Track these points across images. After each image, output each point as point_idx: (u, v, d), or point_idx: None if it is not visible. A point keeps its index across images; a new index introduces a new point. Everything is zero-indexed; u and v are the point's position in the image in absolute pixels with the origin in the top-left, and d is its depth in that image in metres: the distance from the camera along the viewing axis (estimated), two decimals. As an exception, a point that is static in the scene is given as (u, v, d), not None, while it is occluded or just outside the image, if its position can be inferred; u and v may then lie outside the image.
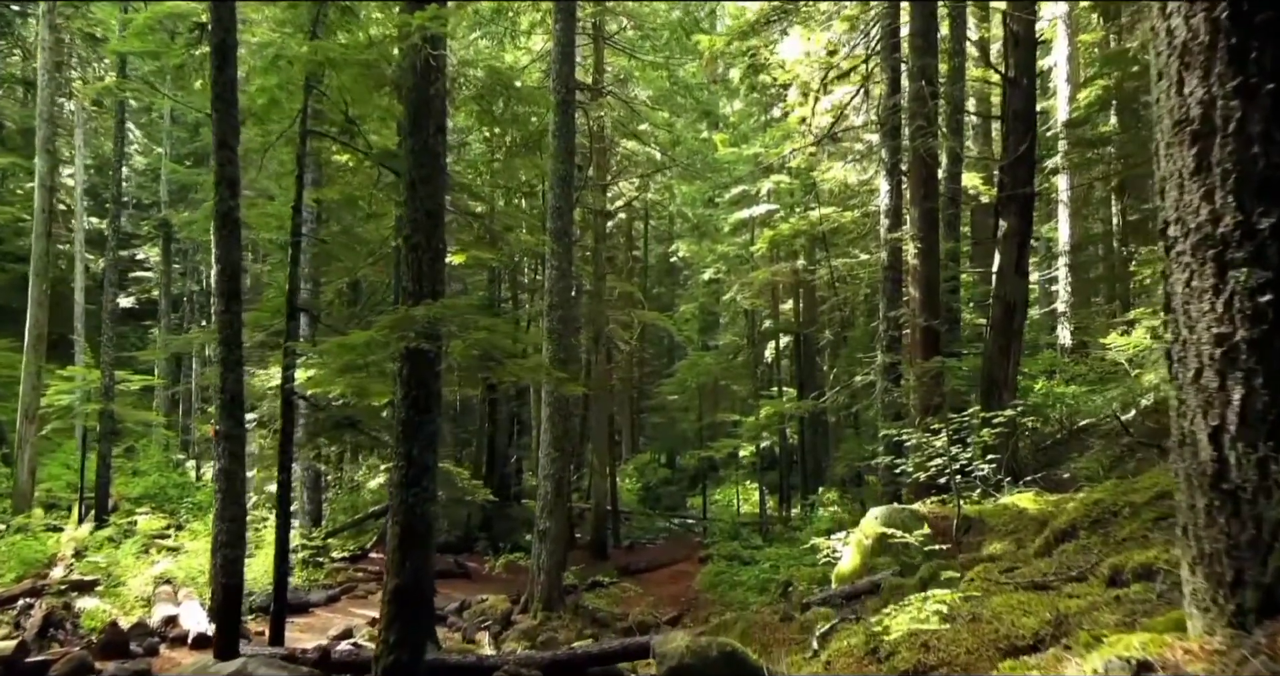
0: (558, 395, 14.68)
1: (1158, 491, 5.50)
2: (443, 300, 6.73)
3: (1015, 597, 3.83)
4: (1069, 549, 5.34)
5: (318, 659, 7.95)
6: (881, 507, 9.12)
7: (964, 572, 6.72)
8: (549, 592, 14.48)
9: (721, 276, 28.00)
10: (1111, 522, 5.53)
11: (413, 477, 7.03)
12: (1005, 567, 5.28)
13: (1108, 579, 3.67)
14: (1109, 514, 5.62)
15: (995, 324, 12.76)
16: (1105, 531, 5.45)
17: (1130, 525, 5.28)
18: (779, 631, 7.31)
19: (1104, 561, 4.65)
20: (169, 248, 30.35)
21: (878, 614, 5.51)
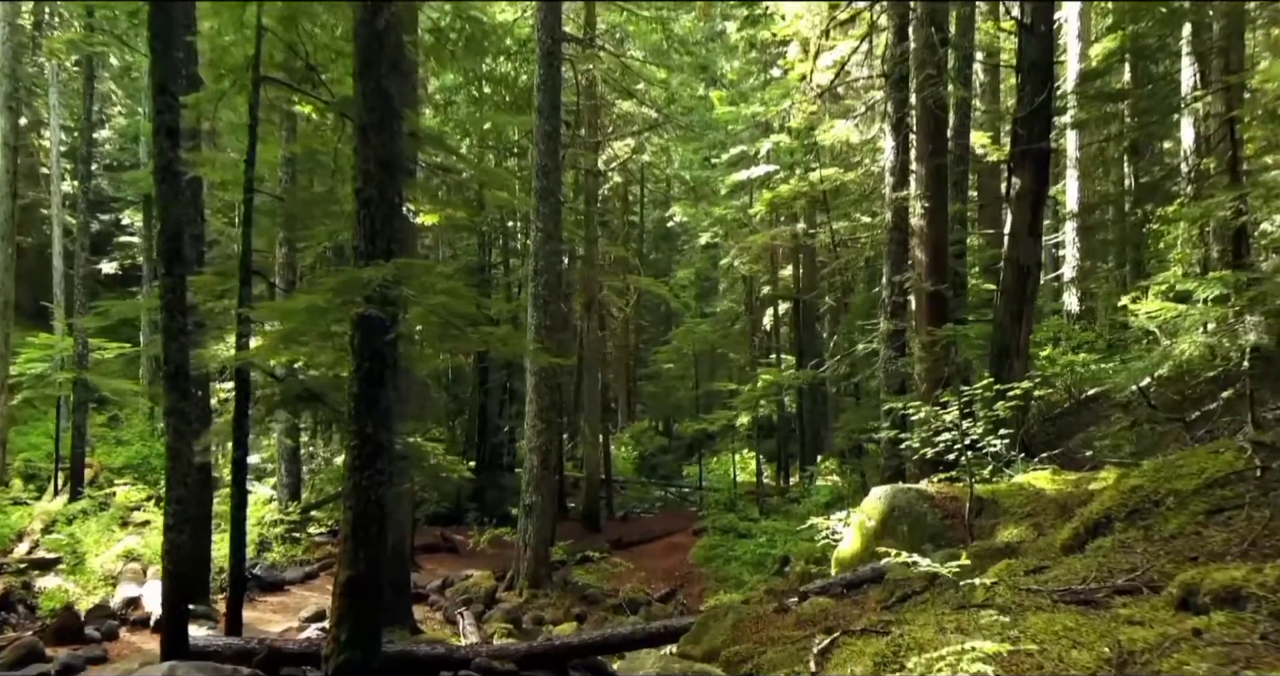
0: (544, 364, 13.96)
1: (1207, 478, 4.79)
2: (396, 261, 5.97)
3: (1058, 620, 3.14)
4: (1105, 545, 4.64)
5: (266, 656, 7.29)
6: (885, 487, 8.43)
7: (980, 566, 6.03)
8: (535, 569, 13.90)
9: (719, 241, 27.16)
10: (1153, 514, 4.83)
11: (367, 458, 6.32)
12: (1032, 567, 4.58)
13: (1178, 600, 2.97)
14: (1149, 503, 4.92)
15: (1006, 289, 12.00)
16: (1146, 524, 4.74)
17: (1177, 518, 4.57)
18: (772, 626, 6.64)
19: (1153, 566, 3.94)
20: (150, 211, 29.41)
21: (884, 621, 4.82)
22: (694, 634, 7.23)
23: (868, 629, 4.23)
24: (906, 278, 12.07)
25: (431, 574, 15.80)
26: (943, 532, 7.73)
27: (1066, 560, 4.66)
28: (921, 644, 3.42)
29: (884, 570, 7.31)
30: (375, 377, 6.39)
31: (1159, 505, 4.89)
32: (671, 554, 19.06)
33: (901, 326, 12.54)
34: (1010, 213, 12.13)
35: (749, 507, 20.67)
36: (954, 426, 8.22)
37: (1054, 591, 3.81)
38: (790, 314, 26.82)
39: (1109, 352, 20.31)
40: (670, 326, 36.34)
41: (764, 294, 27.59)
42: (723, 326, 28.89)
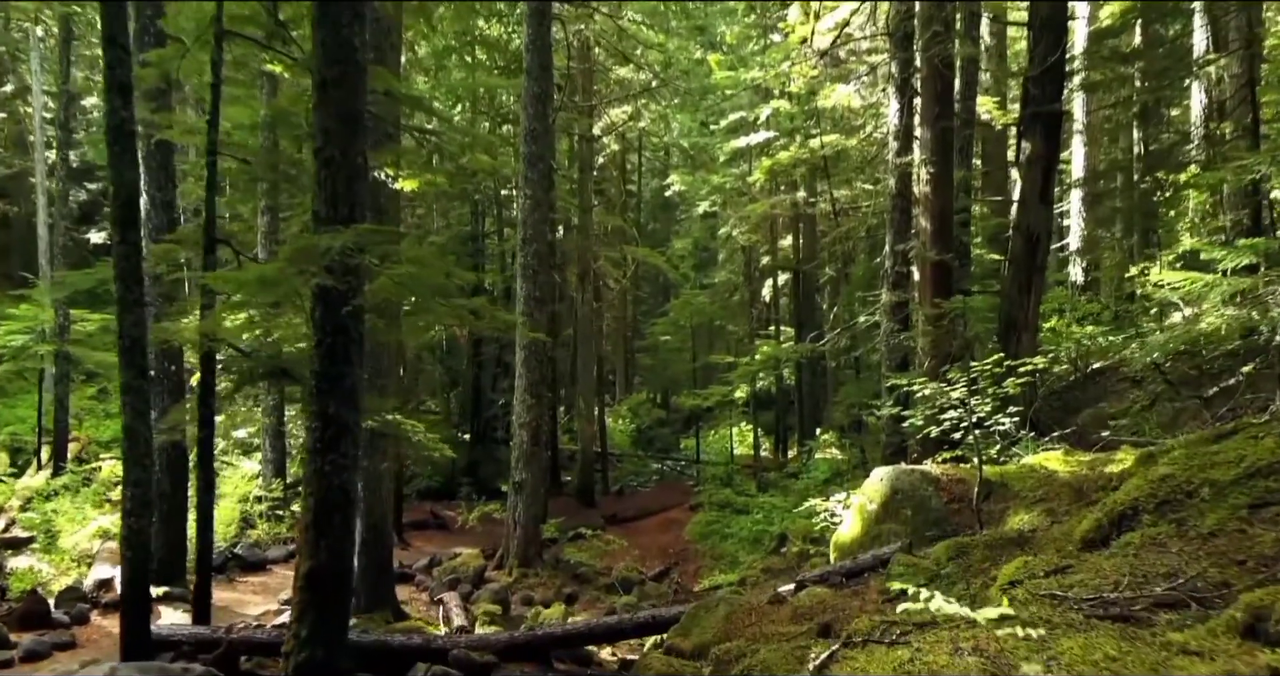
0: (533, 337, 13.47)
1: (1248, 467, 4.32)
2: (357, 227, 5.45)
3: (1097, 644, 2.68)
4: (1134, 541, 4.17)
5: (225, 653, 6.88)
6: (887, 468, 7.97)
7: (991, 559, 5.58)
8: (525, 548, 13.51)
9: (717, 210, 26.55)
10: (1186, 506, 4.36)
11: (330, 440, 5.85)
12: (1053, 565, 4.12)
13: (1243, 625, 2.52)
14: (1181, 493, 4.45)
15: (1015, 258, 11.48)
16: (1179, 518, 4.28)
17: (1215, 513, 4.10)
18: (767, 618, 6.21)
19: (1195, 571, 3.48)
20: (135, 180, 28.79)
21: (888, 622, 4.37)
22: (684, 625, 6.81)
23: (870, 638, 3.77)
24: (910, 247, 11.55)
25: (419, 552, 15.42)
26: (948, 517, 7.29)
27: (1091, 559, 4.19)
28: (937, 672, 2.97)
29: (885, 557, 6.88)
30: (338, 354, 5.90)
31: (1192, 496, 4.42)
32: (667, 530, 18.69)
33: (904, 298, 12.04)
34: (1019, 178, 11.58)
35: (746, 482, 20.31)
36: (960, 404, 7.74)
37: (1084, 600, 3.35)
38: (790, 285, 26.31)
39: (1116, 325, 19.85)
40: (669, 298, 35.81)
41: (763, 264, 27.05)
42: (721, 298, 28.38)
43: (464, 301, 6.79)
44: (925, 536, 7.21)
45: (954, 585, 5.37)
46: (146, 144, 11.21)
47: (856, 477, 16.35)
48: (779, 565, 13.83)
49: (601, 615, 12.58)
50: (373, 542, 10.50)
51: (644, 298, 41.83)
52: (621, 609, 12.68)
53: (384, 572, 10.67)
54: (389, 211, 10.62)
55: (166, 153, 11.26)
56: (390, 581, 10.79)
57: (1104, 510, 4.87)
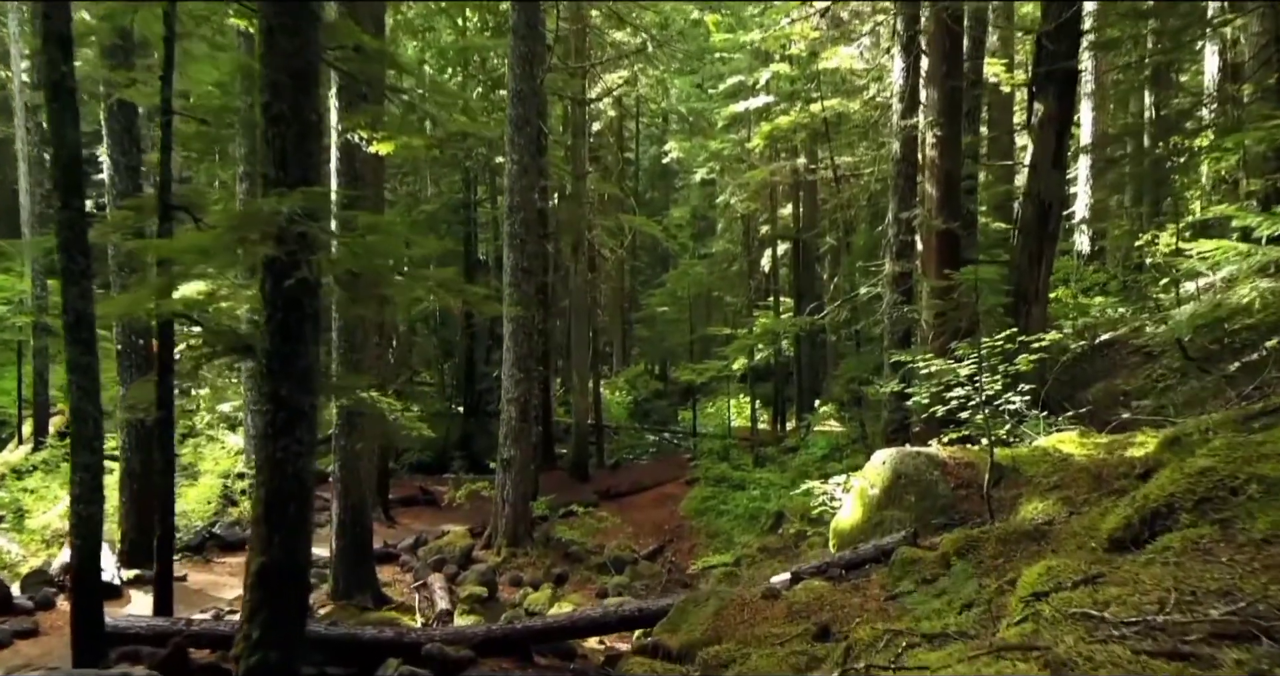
0: (521, 309, 12.94)
1: (1302, 461, 3.82)
2: (305, 190, 4.90)
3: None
4: (1173, 545, 3.68)
5: (169, 656, 6.42)
6: (890, 451, 7.49)
7: (1006, 555, 5.10)
8: (514, 526, 13.08)
9: (715, 177, 25.87)
10: (1230, 505, 3.86)
11: (282, 425, 5.35)
12: (1082, 573, 3.62)
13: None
14: (1224, 490, 3.95)
15: (1025, 226, 10.93)
16: (1224, 519, 3.78)
17: (1267, 515, 3.61)
18: (760, 616, 5.75)
19: (1254, 588, 2.98)
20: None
21: (892, 631, 3.89)
22: (671, 620, 6.36)
23: (873, 666, 3.28)
24: (915, 214, 10.98)
25: (407, 530, 15.01)
26: (955, 504, 6.82)
27: (1124, 565, 3.70)
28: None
29: (888, 548, 6.41)
30: (291, 331, 5.37)
31: (1237, 493, 3.92)
32: (662, 505, 18.29)
33: (908, 268, 11.49)
34: (1031, 141, 10.99)
35: (743, 456, 19.87)
36: (969, 382, 7.24)
37: (1125, 624, 2.86)
38: (790, 254, 25.71)
39: (1124, 296, 19.32)
40: (667, 268, 35.19)
41: (763, 233, 26.43)
42: (719, 268, 27.78)
43: (430, 273, 6.26)
44: (931, 524, 6.75)
45: (964, 585, 4.89)
46: (108, 105, 10.61)
47: (856, 453, 15.91)
48: (776, 544, 13.42)
49: (592, 594, 12.22)
50: (351, 524, 10.06)
51: (641, 268, 41.19)
52: (612, 589, 12.29)
53: (363, 555, 10.23)
54: (366, 178, 10.04)
55: (130, 115, 10.66)
56: (370, 564, 10.36)
57: (1134, 506, 4.37)
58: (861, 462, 15.28)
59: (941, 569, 5.43)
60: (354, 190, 9.83)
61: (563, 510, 15.34)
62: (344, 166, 9.80)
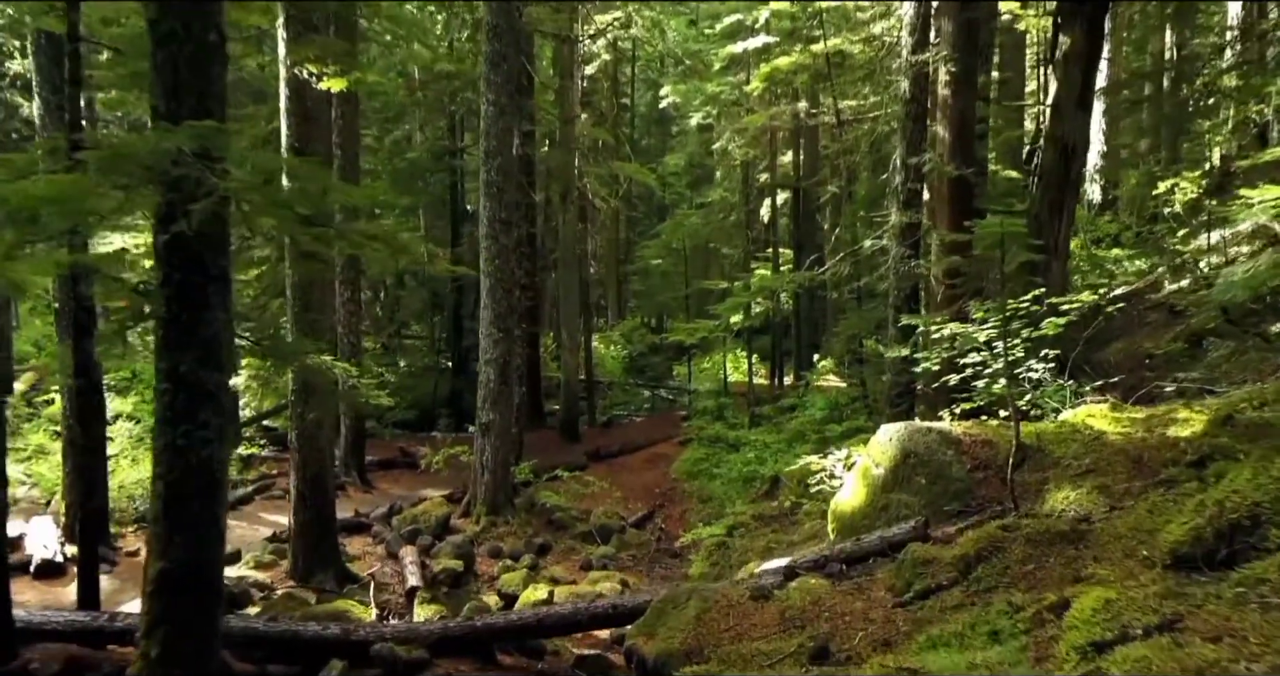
0: (499, 264, 12.05)
1: None
2: (192, 123, 3.99)
3: None
4: (1271, 575, 2.88)
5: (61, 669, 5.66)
6: (898, 426, 6.67)
7: (1037, 559, 4.31)
8: (494, 494, 12.36)
9: (712, 122, 24.73)
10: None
11: (184, 407, 4.52)
12: (1154, 615, 2.83)
13: None
14: (1328, 501, 3.16)
15: (1046, 173, 10.00)
16: (1333, 541, 2.98)
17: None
18: (748, 626, 4.99)
19: None
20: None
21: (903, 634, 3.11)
22: (648, 622, 5.60)
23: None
24: (925, 160, 10.03)
25: (384, 495, 14.30)
26: (971, 489, 6.02)
27: (1205, 601, 2.90)
28: None
29: (896, 540, 5.63)
30: (191, 295, 4.51)
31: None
32: (653, 466, 17.59)
33: (916, 219, 10.56)
34: (1055, 79, 9.99)
35: (739, 414, 19.12)
36: (986, 347, 6.38)
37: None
38: (790, 204, 24.70)
39: (1140, 248, 18.40)
40: (666, 218, 34.11)
41: (762, 182, 25.36)
42: (716, 218, 26.74)
43: (361, 227, 5.38)
44: (944, 511, 5.96)
45: (990, 601, 4.10)
46: (35, 38, 9.60)
47: (856, 414, 15.15)
48: (771, 511, 12.72)
49: (576, 567, 11.53)
50: (311, 496, 9.31)
51: (639, 218, 40.10)
52: (597, 561, 11.62)
53: (326, 530, 9.50)
54: (320, 119, 9.07)
55: (57, 47, 9.62)
56: (333, 539, 9.63)
57: (1204, 514, 3.56)
58: (862, 424, 14.58)
59: (959, 574, 4.65)
60: (306, 132, 8.89)
61: (547, 475, 14.61)
62: (294, 106, 8.83)
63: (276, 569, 9.59)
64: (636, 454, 18.50)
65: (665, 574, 11.51)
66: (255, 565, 9.57)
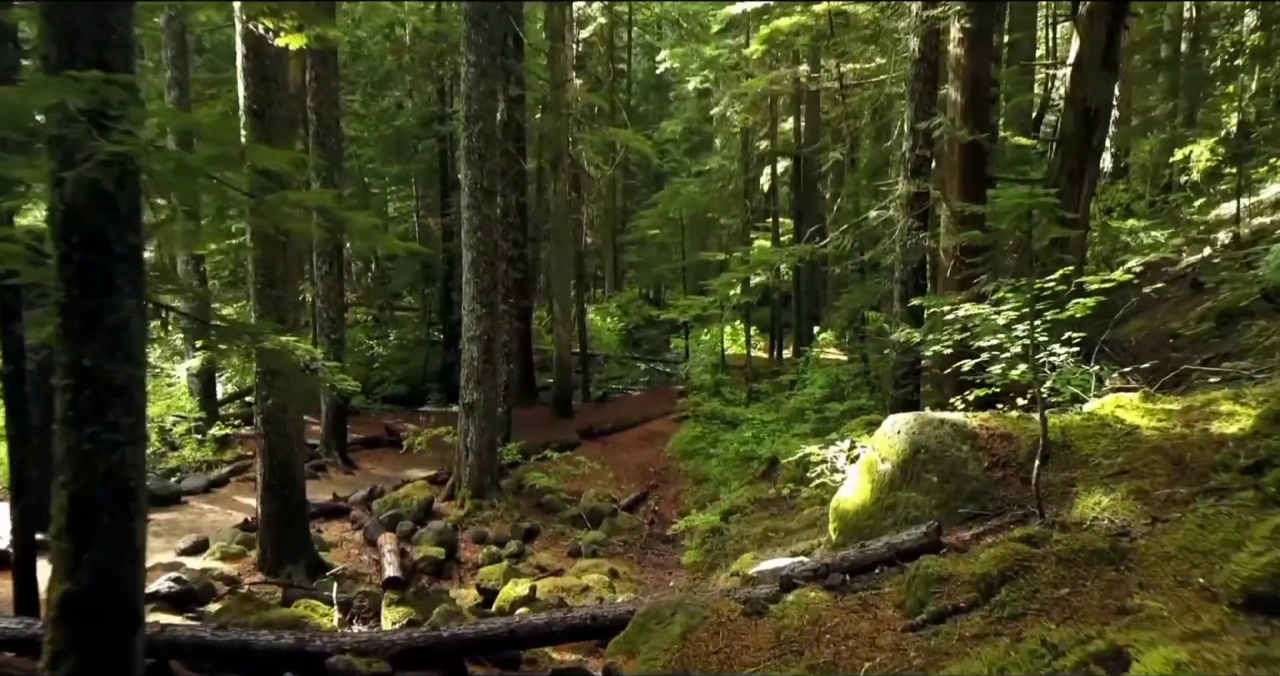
0: (481, 236, 11.39)
1: None
2: (73, 74, 3.35)
3: None
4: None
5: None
6: (905, 417, 6.07)
7: (1073, 585, 3.73)
8: (479, 477, 11.82)
9: (710, 86, 23.88)
10: None
11: (89, 407, 3.91)
12: None
13: None
14: None
15: (1065, 138, 9.32)
16: None
17: None
18: (739, 649, 4.43)
19: None
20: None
21: None
22: (630, 636, 5.05)
23: None
24: (936, 124, 9.33)
25: (367, 476, 13.76)
26: (989, 489, 5.43)
27: None
28: None
29: (905, 548, 5.05)
30: (94, 277, 3.88)
31: None
32: (648, 444, 17.06)
33: (925, 188, 9.89)
34: (1077, 35, 9.28)
35: (737, 390, 18.55)
36: (1005, 331, 5.77)
37: None
38: (790, 172, 23.95)
39: (1155, 218, 17.71)
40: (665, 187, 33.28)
41: (761, 149, 24.58)
42: (714, 187, 25.95)
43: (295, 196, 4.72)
44: (958, 514, 5.39)
45: (1019, 635, 3.52)
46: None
47: (859, 392, 14.57)
48: (768, 495, 12.19)
49: (564, 553, 11.00)
50: (279, 485, 8.74)
51: (637, 187, 39.26)
52: (586, 547, 11.09)
53: (295, 519, 8.94)
54: (277, 78, 8.37)
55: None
56: (303, 528, 9.08)
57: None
58: (864, 403, 14.00)
59: (980, 595, 4.07)
60: (266, 94, 8.21)
61: (537, 456, 14.07)
62: (252, 64, 8.14)
63: (244, 560, 9.06)
64: (631, 431, 17.97)
65: (657, 561, 11.00)
66: (221, 556, 9.03)
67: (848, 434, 11.24)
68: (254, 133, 8.20)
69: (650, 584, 9.96)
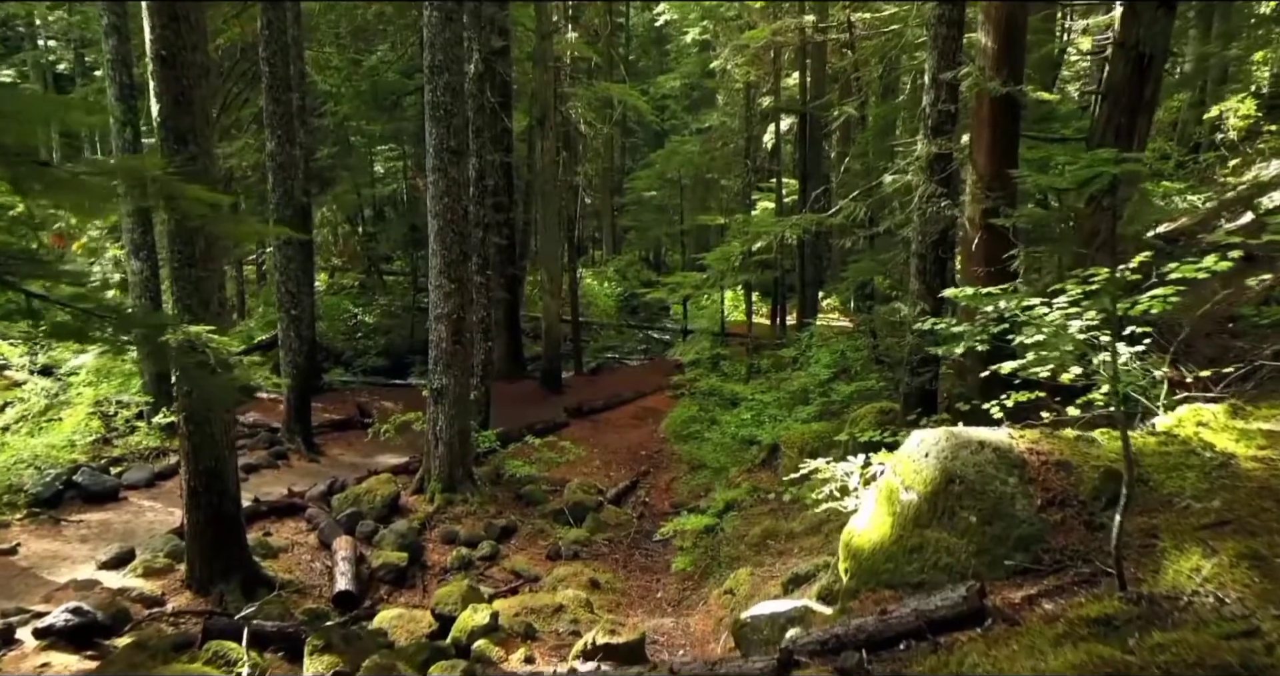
0: (449, 202, 10.18)
1: None
2: None
3: None
4: None
5: None
6: (934, 434, 4.91)
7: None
8: (450, 469, 10.76)
9: (709, 37, 22.41)
10: None
11: None
12: None
13: None
14: None
15: (1113, 89, 8.06)
16: None
17: None
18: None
19: None
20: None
21: None
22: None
23: None
24: (965, 74, 8.05)
25: (333, 464, 12.69)
26: (1043, 536, 4.30)
27: None
28: None
29: (935, 615, 3.94)
30: None
31: None
32: (641, 423, 16.00)
33: (948, 148, 8.63)
34: (1130, -30, 7.96)
35: (736, 364, 17.41)
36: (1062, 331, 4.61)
37: None
38: (794, 129, 22.56)
39: (1184, 179, 16.43)
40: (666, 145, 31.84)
41: (765, 105, 23.14)
42: (715, 146, 24.56)
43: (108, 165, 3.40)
44: (1004, 566, 4.27)
45: None
46: None
47: (867, 372, 13.41)
48: (768, 484, 11.15)
49: (542, 556, 9.96)
50: (207, 492, 7.65)
51: (639, 145, 37.84)
52: (566, 548, 10.07)
53: (228, 529, 7.87)
54: (190, 18, 7.11)
55: None
56: (237, 538, 8.01)
57: None
58: (873, 385, 12.85)
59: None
60: (177, 37, 6.96)
61: (516, 444, 12.98)
62: (159, 2, 6.88)
63: (172, 575, 8.00)
64: (623, 408, 16.93)
65: (645, 563, 9.97)
66: (144, 572, 7.97)
67: (858, 422, 10.15)
68: (161, 84, 6.98)
69: (635, 595, 8.93)
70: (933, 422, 8.09)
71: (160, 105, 7.05)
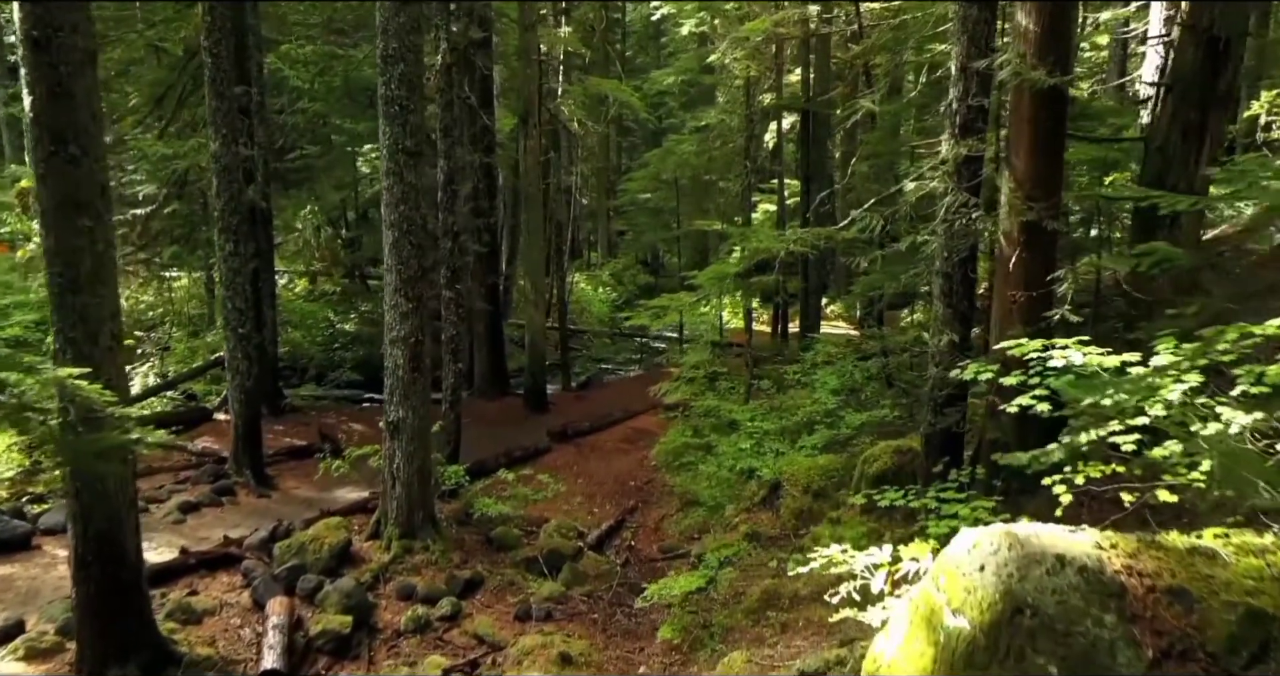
0: (405, 210, 8.94)
1: None
2: None
3: None
4: None
5: None
6: (990, 536, 3.63)
7: None
8: (409, 512, 9.53)
9: (707, 30, 21.17)
10: None
11: None
12: None
13: None
14: None
15: (1181, 81, 6.82)
16: None
17: None
18: None
19: None
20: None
21: None
22: None
23: None
24: (1002, 61, 6.79)
25: (285, 499, 11.46)
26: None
27: None
28: None
29: None
30: None
31: None
32: (631, 448, 14.74)
33: (979, 150, 7.38)
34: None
35: (735, 382, 16.13)
36: (1165, 405, 3.38)
37: None
38: (797, 128, 21.31)
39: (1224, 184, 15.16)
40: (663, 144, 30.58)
41: (766, 103, 21.88)
42: (713, 146, 23.28)
43: None
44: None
45: None
46: None
47: (877, 398, 12.16)
48: (769, 528, 9.93)
49: (510, 616, 8.71)
50: (99, 560, 6.42)
51: (637, 144, 36.64)
52: (538, 607, 8.82)
53: (125, 602, 6.63)
54: (74, 13, 5.86)
55: None
56: (137, 609, 6.78)
57: None
58: (886, 415, 11.62)
59: None
60: (51, 16, 5.72)
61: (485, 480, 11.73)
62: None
63: (59, 657, 6.77)
64: (612, 429, 15.68)
65: (628, 627, 8.71)
66: (26, 653, 6.72)
67: (871, 463, 8.91)
68: (34, 72, 5.75)
69: (614, 671, 7.69)
70: (964, 477, 6.85)
71: (33, 98, 5.83)
